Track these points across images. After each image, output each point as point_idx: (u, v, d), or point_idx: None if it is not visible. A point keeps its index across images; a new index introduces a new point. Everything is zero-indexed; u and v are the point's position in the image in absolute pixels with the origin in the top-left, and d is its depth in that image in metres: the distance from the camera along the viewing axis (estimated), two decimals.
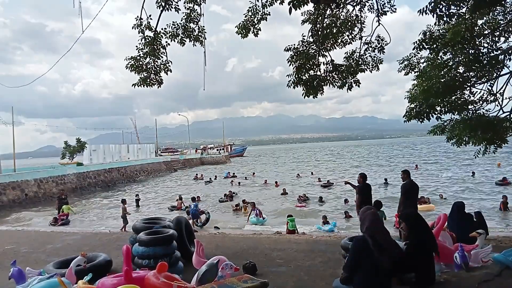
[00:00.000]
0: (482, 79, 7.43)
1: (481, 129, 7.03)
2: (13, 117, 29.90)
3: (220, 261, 4.33)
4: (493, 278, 4.16)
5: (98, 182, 31.87)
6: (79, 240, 8.70)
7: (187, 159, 59.22)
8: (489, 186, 20.53)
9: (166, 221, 6.04)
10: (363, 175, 7.91)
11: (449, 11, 5.37)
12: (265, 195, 22.32)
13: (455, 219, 6.49)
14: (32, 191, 24.22)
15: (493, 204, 15.17)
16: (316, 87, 7.11)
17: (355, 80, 7.17)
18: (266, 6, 6.67)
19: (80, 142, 49.89)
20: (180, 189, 27.24)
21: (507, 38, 7.34)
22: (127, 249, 4.03)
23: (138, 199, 20.71)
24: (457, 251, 4.58)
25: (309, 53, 7.06)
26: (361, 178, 7.83)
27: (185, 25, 6.68)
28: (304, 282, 4.74)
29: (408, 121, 7.83)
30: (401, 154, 62.82)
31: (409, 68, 8.01)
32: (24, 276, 4.45)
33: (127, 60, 6.63)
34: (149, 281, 3.70)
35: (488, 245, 5.07)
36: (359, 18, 7.01)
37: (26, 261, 6.30)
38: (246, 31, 6.93)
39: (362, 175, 7.93)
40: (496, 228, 10.37)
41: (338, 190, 22.24)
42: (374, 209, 3.78)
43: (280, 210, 16.90)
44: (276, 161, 66.02)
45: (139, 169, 40.80)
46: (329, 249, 6.40)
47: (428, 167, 34.58)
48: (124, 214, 13.70)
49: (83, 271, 4.45)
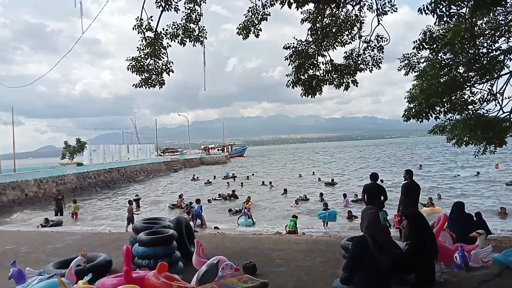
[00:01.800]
0: (482, 79, 7.43)
1: (481, 129, 7.03)
2: (13, 117, 29.95)
3: (220, 261, 4.33)
4: (493, 278, 4.16)
5: (98, 182, 31.86)
6: (79, 240, 8.70)
7: (187, 159, 59.22)
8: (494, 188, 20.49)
9: (166, 221, 6.04)
10: (410, 172, 7.45)
11: (449, 11, 5.36)
12: (265, 195, 22.34)
13: (455, 219, 6.50)
14: (32, 191, 24.22)
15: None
16: (315, 87, 7.10)
17: (352, 80, 7.16)
18: (267, 6, 6.67)
19: (80, 142, 49.93)
20: (179, 190, 27.22)
21: (507, 38, 7.34)
22: (127, 249, 4.03)
23: (138, 199, 20.71)
24: (457, 251, 4.59)
25: (308, 52, 7.05)
26: (408, 175, 7.36)
27: (185, 25, 6.68)
28: (304, 282, 4.74)
29: (407, 121, 7.83)
30: (406, 155, 62.49)
31: (409, 68, 8.00)
32: (24, 276, 4.45)
33: (128, 61, 6.63)
34: (149, 281, 3.70)
35: (488, 245, 5.07)
36: (358, 17, 7.00)
37: (26, 261, 6.30)
38: (247, 32, 6.93)
39: (408, 171, 7.47)
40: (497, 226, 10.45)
41: (342, 189, 22.28)
42: (375, 209, 3.78)
43: (280, 210, 16.93)
44: (277, 161, 65.92)
45: (139, 169, 40.79)
46: (329, 249, 6.39)
47: (430, 168, 34.54)
48: (131, 214, 13.76)
49: (83, 271, 4.45)
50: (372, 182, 7.68)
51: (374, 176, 7.73)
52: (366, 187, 7.81)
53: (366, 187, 7.79)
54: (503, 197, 17.36)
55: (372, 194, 7.52)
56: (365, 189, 7.79)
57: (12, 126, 29.38)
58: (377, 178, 7.77)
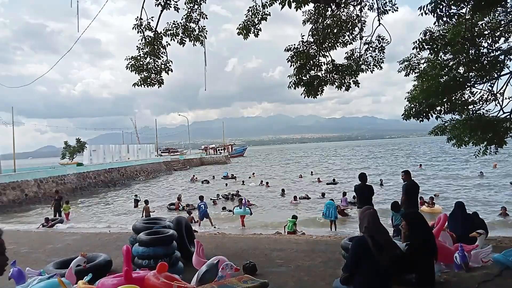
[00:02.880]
0: (482, 79, 7.43)
1: (481, 129, 7.03)
2: (13, 117, 29.90)
3: (220, 261, 4.33)
4: (493, 278, 4.17)
5: (98, 182, 31.85)
6: (79, 240, 8.71)
7: (187, 159, 59.22)
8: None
9: (166, 221, 6.05)
10: (407, 172, 7.45)
11: (449, 11, 5.36)
12: (265, 195, 22.33)
13: (456, 219, 6.50)
14: (32, 191, 24.22)
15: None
16: (317, 88, 7.11)
17: (354, 81, 7.17)
18: (266, 6, 6.67)
19: (80, 142, 49.94)
20: (179, 190, 27.19)
21: (507, 38, 7.34)
22: (127, 249, 4.03)
23: (137, 199, 20.71)
24: (457, 251, 4.59)
25: (310, 53, 7.06)
26: (406, 176, 7.34)
27: (185, 24, 6.68)
28: (304, 282, 4.74)
29: (406, 120, 7.84)
30: (407, 155, 62.24)
31: (409, 69, 8.00)
32: (24, 276, 4.45)
33: (128, 60, 6.63)
34: (149, 281, 3.70)
35: (488, 245, 5.08)
36: (359, 17, 7.00)
37: (26, 261, 6.30)
38: (247, 32, 6.93)
39: (406, 172, 7.47)
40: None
41: (342, 189, 22.29)
42: (374, 209, 3.77)
43: (279, 210, 16.93)
44: (279, 161, 65.72)
45: (139, 169, 40.78)
46: (329, 249, 6.40)
47: (432, 168, 34.50)
48: (148, 213, 13.77)
49: (83, 271, 4.45)
50: (361, 182, 7.83)
51: (362, 177, 7.90)
52: (357, 187, 7.93)
53: (357, 188, 7.92)
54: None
55: (363, 194, 7.72)
56: (356, 189, 7.95)
57: (12, 126, 29.38)
58: (365, 178, 7.92)
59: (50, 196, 24.34)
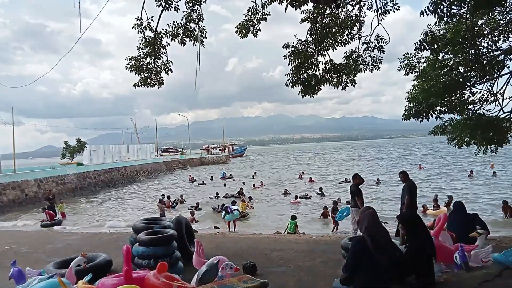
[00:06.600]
0: (482, 79, 7.43)
1: (481, 129, 7.03)
2: (13, 117, 29.87)
3: (220, 261, 4.33)
4: (493, 278, 4.17)
5: (98, 182, 31.84)
6: (79, 240, 8.70)
7: (187, 159, 59.21)
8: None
9: (166, 221, 6.05)
10: (405, 173, 7.37)
11: (450, 11, 5.36)
12: (264, 195, 22.32)
13: (456, 219, 6.48)
14: (32, 191, 24.22)
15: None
16: (314, 87, 7.10)
17: (351, 80, 7.16)
18: (266, 5, 6.67)
19: (80, 142, 49.97)
20: (178, 190, 27.14)
21: (507, 38, 7.34)
22: (127, 249, 4.03)
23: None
24: (457, 251, 4.59)
25: (308, 52, 7.05)
26: (404, 176, 7.24)
27: (186, 24, 6.68)
28: (304, 282, 4.74)
29: (406, 120, 7.83)
30: (409, 154, 61.93)
31: (409, 68, 8.00)
32: (24, 276, 4.45)
33: (128, 60, 6.63)
34: (149, 281, 3.70)
35: (488, 245, 5.07)
36: (358, 17, 7.00)
37: (26, 261, 6.29)
38: (245, 31, 6.93)
39: (403, 173, 7.39)
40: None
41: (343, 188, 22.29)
42: (373, 209, 3.77)
43: (279, 210, 16.92)
44: (280, 161, 65.56)
45: (139, 169, 40.77)
46: (329, 249, 6.39)
47: (432, 168, 34.46)
48: (162, 211, 14.11)
49: (83, 271, 4.45)
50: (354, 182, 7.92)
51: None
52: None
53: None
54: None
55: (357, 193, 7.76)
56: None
57: (12, 126, 29.35)
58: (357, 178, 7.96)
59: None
